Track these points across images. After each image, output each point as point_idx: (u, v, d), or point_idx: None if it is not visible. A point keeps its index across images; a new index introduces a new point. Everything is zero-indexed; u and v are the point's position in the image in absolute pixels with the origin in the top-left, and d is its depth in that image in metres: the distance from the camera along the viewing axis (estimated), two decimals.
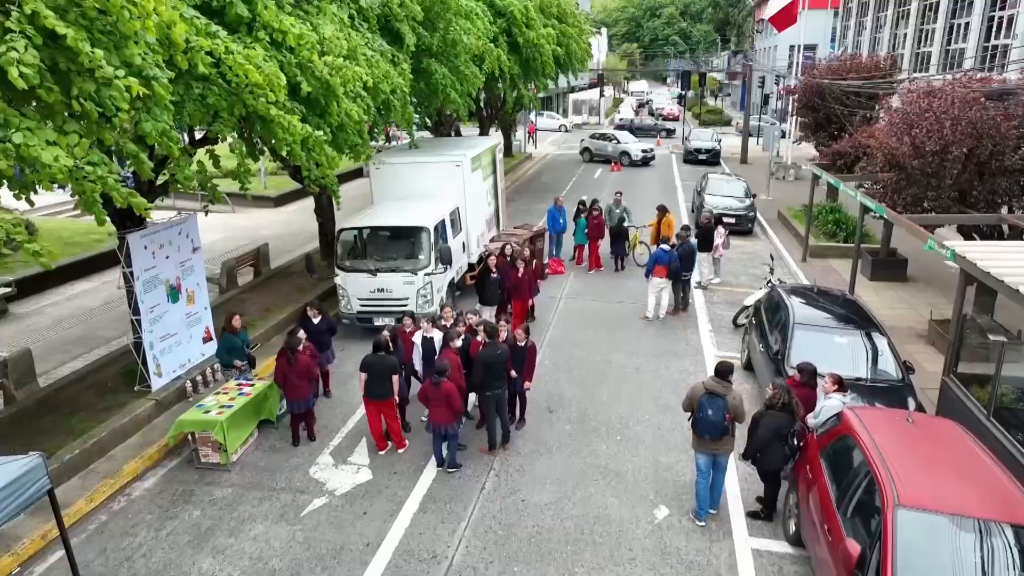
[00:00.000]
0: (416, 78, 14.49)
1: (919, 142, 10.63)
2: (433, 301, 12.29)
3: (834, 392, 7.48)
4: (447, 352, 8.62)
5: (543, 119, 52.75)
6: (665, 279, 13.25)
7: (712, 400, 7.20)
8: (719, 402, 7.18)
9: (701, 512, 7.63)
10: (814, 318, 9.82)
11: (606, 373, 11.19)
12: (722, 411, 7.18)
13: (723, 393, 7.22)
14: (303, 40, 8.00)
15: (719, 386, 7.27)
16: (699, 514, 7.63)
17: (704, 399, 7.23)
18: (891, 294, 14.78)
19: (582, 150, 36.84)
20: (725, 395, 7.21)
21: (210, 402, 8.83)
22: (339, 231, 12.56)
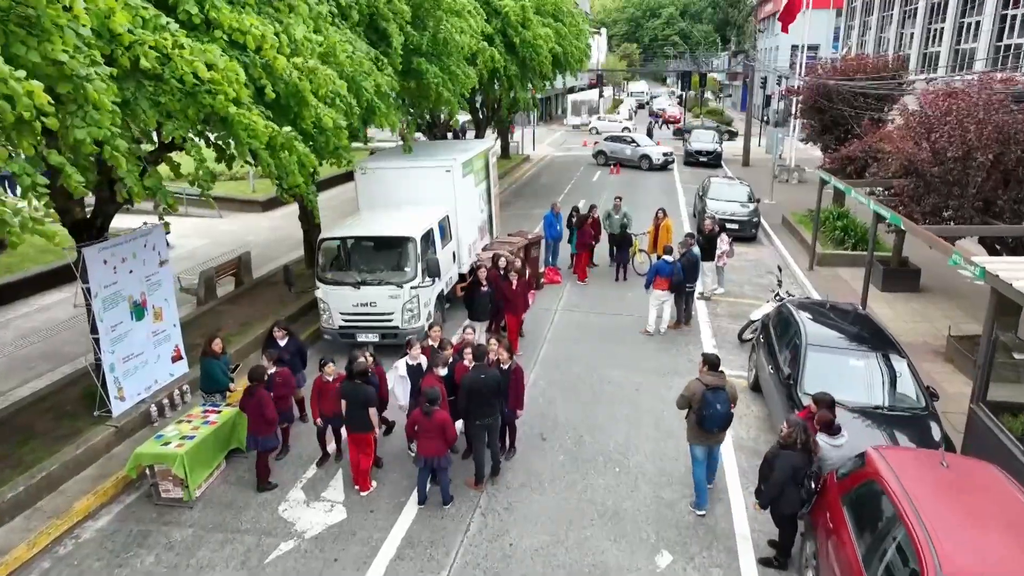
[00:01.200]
0: (406, 78, 13.79)
1: (940, 147, 9.91)
2: (420, 316, 11.56)
3: (823, 435, 6.74)
4: (430, 378, 7.87)
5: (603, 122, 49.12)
6: (667, 292, 12.52)
7: (716, 394, 7.36)
8: (722, 394, 7.40)
9: (701, 502, 7.71)
10: (828, 338, 9.09)
11: (604, 393, 10.46)
12: (727, 402, 7.42)
13: (724, 384, 7.46)
14: (265, 42, 7.26)
15: (719, 378, 7.50)
16: (699, 504, 7.71)
17: (709, 395, 7.34)
18: (904, 306, 14.05)
19: (596, 152, 34.82)
20: (725, 386, 7.45)
21: (171, 432, 8.09)
22: (320, 241, 11.82)
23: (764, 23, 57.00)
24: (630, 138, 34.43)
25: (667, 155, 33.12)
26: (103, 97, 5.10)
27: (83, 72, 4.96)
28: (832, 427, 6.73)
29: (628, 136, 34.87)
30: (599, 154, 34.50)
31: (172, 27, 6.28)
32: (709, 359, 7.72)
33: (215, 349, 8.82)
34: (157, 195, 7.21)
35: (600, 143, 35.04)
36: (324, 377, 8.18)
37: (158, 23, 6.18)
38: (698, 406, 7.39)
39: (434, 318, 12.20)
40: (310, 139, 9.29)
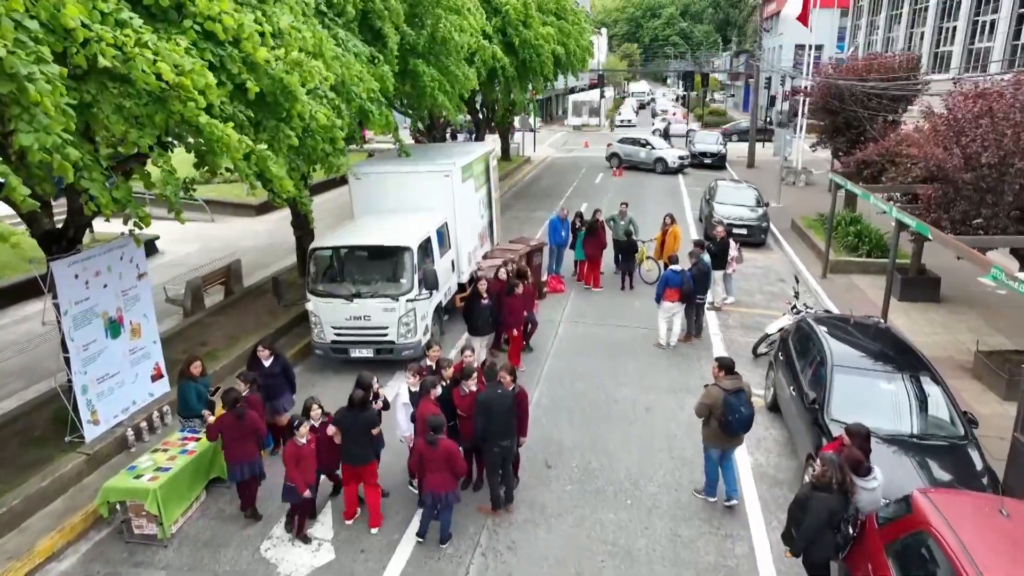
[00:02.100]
0: (401, 80, 13.16)
1: (972, 152, 9.26)
2: (416, 330, 10.91)
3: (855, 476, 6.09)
4: (425, 403, 7.23)
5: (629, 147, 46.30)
6: (678, 303, 11.88)
7: (739, 397, 7.35)
8: (743, 396, 7.40)
9: (711, 492, 7.85)
10: (855, 358, 8.45)
11: (612, 414, 9.82)
12: (749, 403, 7.44)
13: (743, 386, 7.48)
14: (243, 32, 6.61)
15: (737, 381, 7.48)
16: (708, 492, 7.86)
17: (731, 399, 7.31)
18: (924, 317, 13.41)
19: (609, 155, 33.36)
20: (744, 387, 7.46)
21: (144, 463, 7.44)
22: (311, 251, 11.18)
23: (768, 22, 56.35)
24: (644, 140, 33.23)
25: (683, 159, 31.91)
26: (47, 100, 4.45)
27: (24, 70, 4.32)
28: (861, 468, 6.06)
29: (642, 139, 33.63)
30: (612, 156, 33.31)
31: (135, 22, 5.63)
32: (724, 363, 7.63)
33: (193, 371, 8.16)
34: (128, 208, 6.57)
35: (614, 145, 33.82)
36: (297, 440, 6.91)
37: (119, 17, 5.53)
38: (721, 412, 7.34)
39: (432, 332, 11.57)
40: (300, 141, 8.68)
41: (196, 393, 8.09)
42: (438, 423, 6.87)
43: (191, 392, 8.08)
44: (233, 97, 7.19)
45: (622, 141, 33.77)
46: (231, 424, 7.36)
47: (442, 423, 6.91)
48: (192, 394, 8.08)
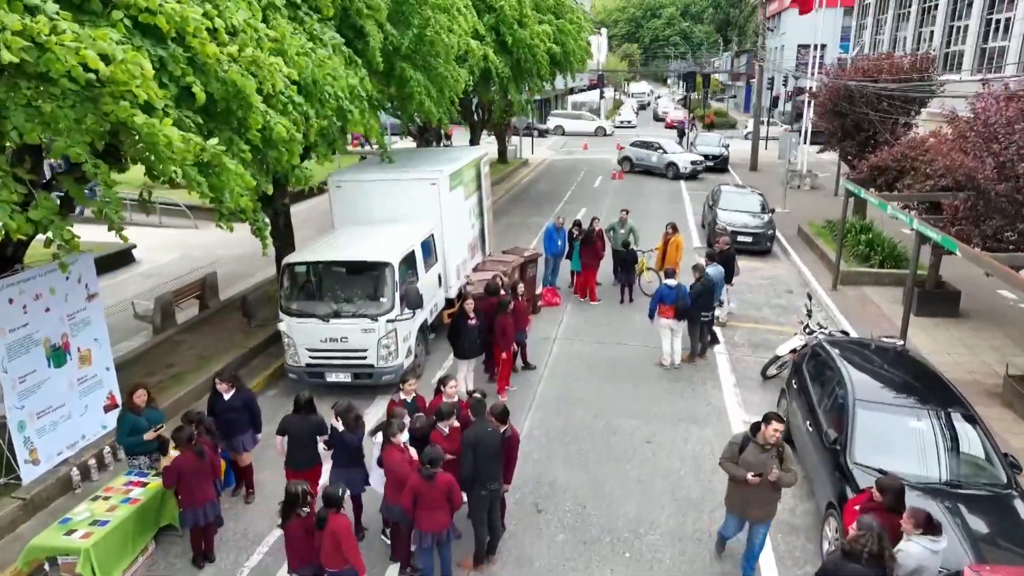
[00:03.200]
0: (387, 82, 12.30)
1: (1006, 160, 8.40)
2: (398, 352, 10.07)
3: (917, 534, 5.24)
4: (389, 451, 6.37)
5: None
6: (674, 320, 11.03)
7: None
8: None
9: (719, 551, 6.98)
10: (880, 392, 7.60)
11: (611, 448, 8.97)
12: None
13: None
14: (187, 25, 5.76)
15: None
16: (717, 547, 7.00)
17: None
18: (944, 334, 12.56)
19: (622, 159, 32.19)
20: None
21: (80, 514, 6.59)
22: (284, 266, 10.33)
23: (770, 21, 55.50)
24: (657, 144, 31.93)
25: (695, 163, 30.40)
26: None
27: None
28: (933, 525, 5.22)
29: (655, 142, 32.32)
30: (624, 160, 32.16)
31: (49, 7, 4.78)
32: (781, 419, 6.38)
33: (135, 402, 7.27)
34: (50, 231, 5.72)
35: (626, 149, 32.68)
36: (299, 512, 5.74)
37: (29, 2, 4.68)
38: None
39: (417, 354, 10.73)
40: (258, 153, 7.83)
41: (132, 427, 7.19)
42: (437, 455, 6.08)
43: (125, 425, 7.19)
44: (179, 102, 6.34)
45: (634, 144, 32.66)
46: (192, 464, 6.53)
47: (440, 456, 6.12)
48: (126, 428, 7.19)
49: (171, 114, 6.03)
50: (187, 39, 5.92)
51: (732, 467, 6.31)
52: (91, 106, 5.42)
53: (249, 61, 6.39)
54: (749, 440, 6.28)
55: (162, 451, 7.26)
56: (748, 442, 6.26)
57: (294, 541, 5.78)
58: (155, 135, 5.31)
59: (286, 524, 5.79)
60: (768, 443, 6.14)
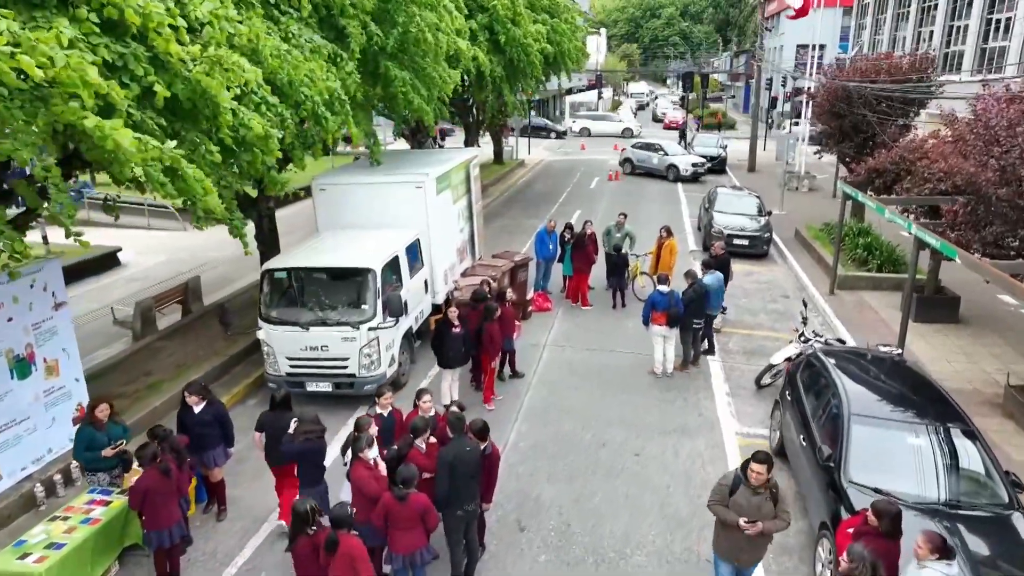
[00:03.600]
0: (372, 83, 12.00)
1: (1009, 164, 8.11)
2: (381, 361, 9.77)
3: (932, 560, 4.94)
4: (358, 467, 6.06)
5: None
6: (666, 327, 10.74)
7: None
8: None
9: None
10: (876, 406, 7.30)
11: (598, 461, 8.66)
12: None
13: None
14: (149, 22, 5.46)
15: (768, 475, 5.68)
16: None
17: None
18: (943, 341, 12.25)
19: (623, 160, 31.80)
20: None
21: (36, 536, 6.30)
22: (263, 272, 10.03)
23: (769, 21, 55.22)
24: (658, 145, 31.40)
25: (697, 166, 29.63)
26: None
27: None
28: (948, 548, 4.91)
29: (656, 143, 31.82)
30: (625, 162, 31.71)
31: None
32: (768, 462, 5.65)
33: (98, 416, 6.94)
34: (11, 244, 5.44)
35: (628, 150, 32.24)
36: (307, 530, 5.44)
37: None
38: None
39: (401, 362, 10.44)
40: (232, 155, 7.53)
41: (90, 442, 6.87)
42: (410, 475, 5.80)
43: (83, 439, 6.87)
44: (142, 103, 6.04)
45: (635, 146, 32.23)
46: (157, 483, 6.23)
47: (415, 474, 5.84)
48: (83, 442, 6.87)
49: (134, 115, 5.75)
50: (149, 36, 5.62)
51: (723, 511, 5.68)
52: (41, 106, 5.13)
53: (213, 61, 6.08)
54: (740, 481, 5.65)
55: (124, 468, 6.95)
56: (739, 483, 5.64)
57: (303, 560, 5.46)
58: (105, 138, 5.00)
59: (294, 546, 5.48)
60: (762, 485, 5.58)
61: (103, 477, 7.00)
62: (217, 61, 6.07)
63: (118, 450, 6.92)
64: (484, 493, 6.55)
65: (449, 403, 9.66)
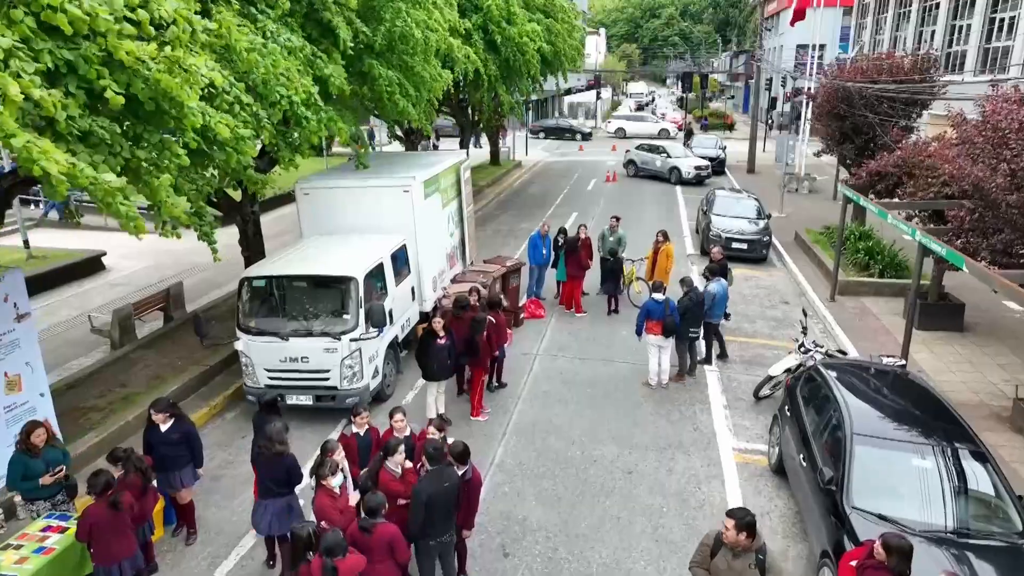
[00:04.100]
0: (359, 81, 11.62)
1: (1017, 168, 7.72)
2: (363, 373, 9.38)
3: None
4: (320, 496, 5.67)
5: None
6: (661, 337, 10.35)
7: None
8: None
9: None
10: (881, 425, 6.91)
11: (588, 481, 8.27)
12: None
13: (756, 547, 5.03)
14: (98, 23, 5.08)
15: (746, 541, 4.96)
16: None
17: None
18: (947, 350, 11.87)
19: (627, 162, 31.14)
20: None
21: None
22: (241, 281, 9.63)
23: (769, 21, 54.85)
24: (661, 147, 30.64)
25: (700, 168, 28.61)
26: None
27: None
28: None
29: (660, 145, 31.11)
30: (629, 164, 30.99)
31: None
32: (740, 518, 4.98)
33: (34, 443, 6.44)
34: None
35: (631, 152, 31.46)
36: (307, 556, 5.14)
37: None
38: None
39: (386, 373, 10.06)
40: (203, 156, 7.16)
41: (25, 470, 6.44)
42: (376, 503, 5.40)
43: (17, 469, 6.40)
44: (93, 108, 5.65)
45: (640, 148, 31.47)
46: (105, 516, 5.83)
47: (381, 503, 5.44)
48: (17, 472, 6.41)
49: (81, 124, 5.35)
50: (98, 37, 5.23)
51: (702, 574, 5.16)
52: None
53: (171, 62, 5.68)
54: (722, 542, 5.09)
55: (69, 494, 6.56)
56: (720, 544, 5.09)
57: None
58: (32, 162, 4.61)
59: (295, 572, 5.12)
60: (739, 548, 4.96)
61: (43, 506, 6.57)
62: (175, 62, 5.67)
63: (57, 477, 6.52)
64: (464, 520, 6.16)
65: (434, 417, 9.42)
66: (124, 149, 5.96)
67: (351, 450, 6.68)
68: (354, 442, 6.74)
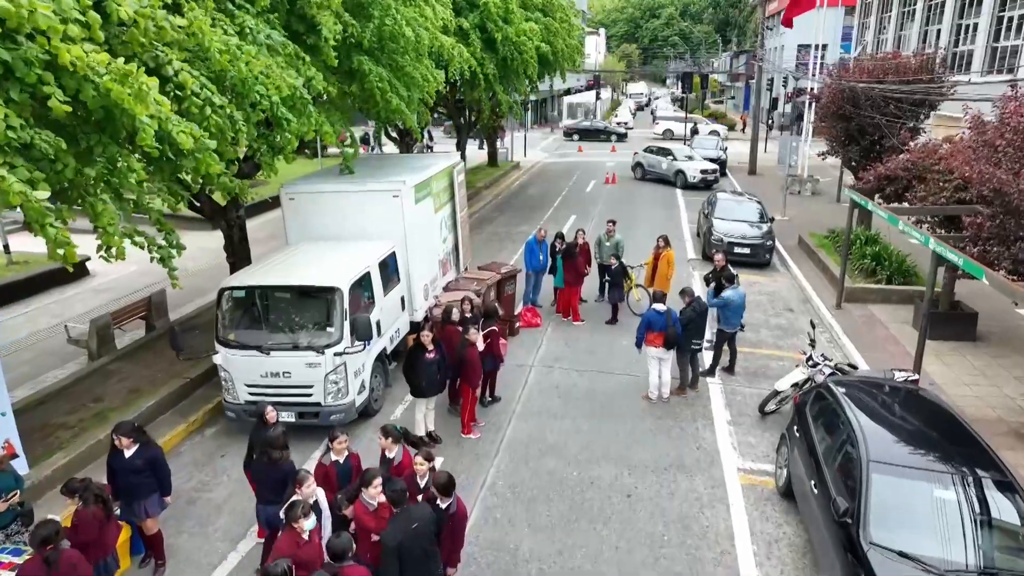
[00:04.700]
0: (348, 81, 11.16)
1: None
2: (348, 389, 8.91)
3: None
4: (286, 537, 5.18)
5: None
6: (663, 349, 9.89)
7: None
8: None
9: None
10: (898, 451, 6.42)
11: (585, 506, 7.79)
12: None
13: None
14: (37, 21, 4.59)
15: None
16: None
17: None
18: (960, 362, 11.39)
19: (634, 165, 30.34)
20: None
21: None
22: (220, 291, 9.16)
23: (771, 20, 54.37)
24: (668, 150, 29.69)
25: (707, 172, 27.36)
26: None
27: None
28: None
29: (667, 148, 30.15)
30: (636, 166, 30.20)
31: None
32: None
33: None
34: None
35: (639, 154, 30.57)
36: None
37: None
38: None
39: (374, 387, 9.59)
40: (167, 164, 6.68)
41: None
42: (341, 549, 4.90)
43: None
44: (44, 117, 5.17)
45: (647, 150, 30.59)
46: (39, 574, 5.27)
47: (345, 549, 4.93)
48: None
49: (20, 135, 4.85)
50: (39, 38, 4.75)
51: None
52: None
53: (121, 74, 5.16)
54: None
55: (24, 523, 6.09)
56: None
57: None
58: None
59: None
60: None
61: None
62: (125, 75, 5.16)
63: (10, 503, 6.04)
64: (448, 556, 5.68)
65: (424, 435, 8.95)
66: (68, 168, 5.44)
67: (330, 480, 6.20)
68: (333, 471, 6.26)
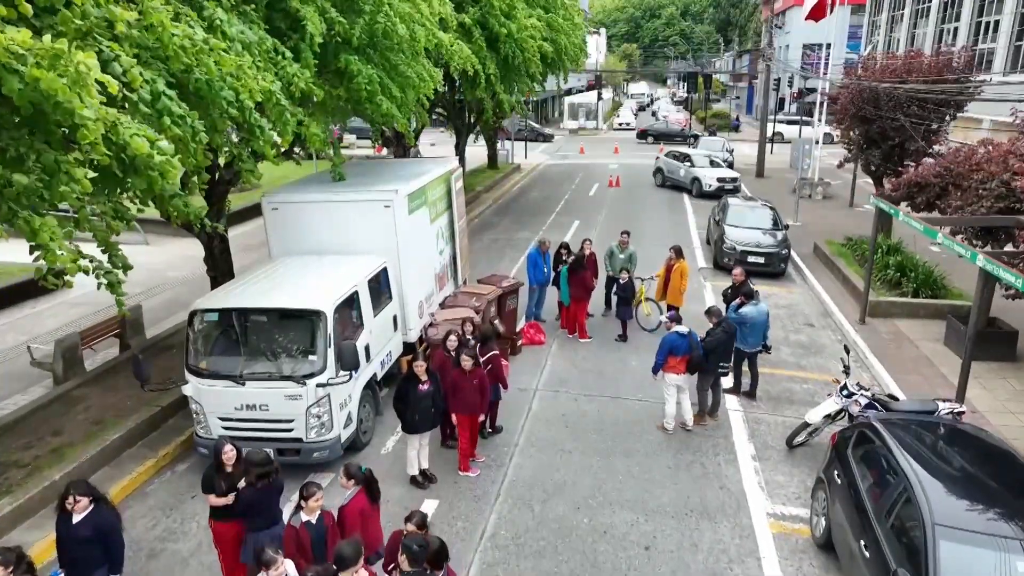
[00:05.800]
0: (336, 81, 10.26)
1: None
2: (333, 423, 8.01)
3: None
4: None
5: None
6: (684, 375, 9.01)
7: None
8: None
9: None
10: (967, 513, 5.50)
11: (598, 561, 6.88)
12: None
13: None
14: None
15: None
16: None
17: None
18: (1001, 385, 10.50)
19: (655, 170, 29.05)
20: None
21: None
22: (191, 314, 8.27)
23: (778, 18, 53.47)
24: (685, 156, 28.23)
25: (724, 180, 25.38)
26: None
27: None
28: None
29: (684, 153, 28.85)
30: (657, 172, 28.78)
31: None
32: None
33: None
34: None
35: (660, 159, 29.16)
36: None
37: None
38: None
39: (363, 419, 8.68)
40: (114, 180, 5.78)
41: None
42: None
43: None
44: None
45: (668, 155, 29.12)
46: None
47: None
48: None
49: None
50: None
51: None
52: None
53: (51, 56, 4.29)
54: None
55: None
56: None
57: None
58: None
59: None
60: None
61: None
62: (56, 56, 4.28)
63: None
64: None
65: (417, 473, 8.06)
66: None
67: (303, 545, 5.30)
68: (306, 534, 5.36)
